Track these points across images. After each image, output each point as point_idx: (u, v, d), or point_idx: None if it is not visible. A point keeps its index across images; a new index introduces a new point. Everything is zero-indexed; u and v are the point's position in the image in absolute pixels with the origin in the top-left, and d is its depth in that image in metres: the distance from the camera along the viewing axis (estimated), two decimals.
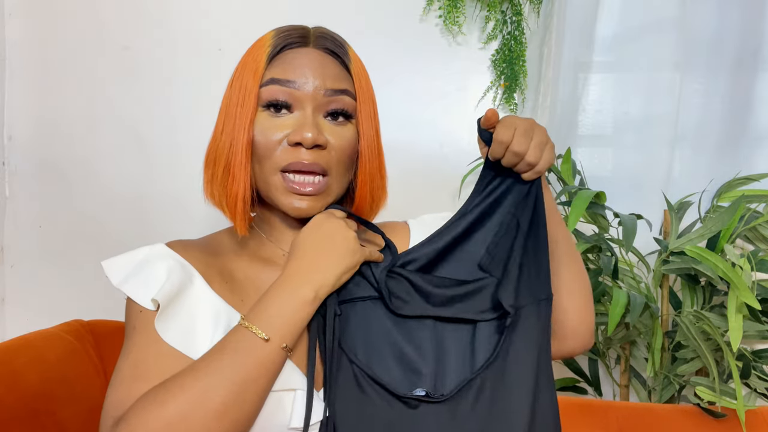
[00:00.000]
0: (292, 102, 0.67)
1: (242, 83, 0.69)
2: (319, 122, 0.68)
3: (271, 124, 0.67)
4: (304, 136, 0.65)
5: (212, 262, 0.71)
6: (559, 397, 1.09)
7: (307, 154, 0.66)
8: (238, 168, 0.68)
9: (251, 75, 0.69)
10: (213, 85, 1.43)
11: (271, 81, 0.68)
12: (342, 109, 0.69)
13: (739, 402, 0.96)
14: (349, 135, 0.70)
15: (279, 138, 0.67)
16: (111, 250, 1.44)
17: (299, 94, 0.67)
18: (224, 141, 0.69)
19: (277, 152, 0.67)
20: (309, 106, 0.67)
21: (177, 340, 0.63)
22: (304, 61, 0.68)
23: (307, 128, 0.66)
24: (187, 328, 0.64)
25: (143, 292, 0.65)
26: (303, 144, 0.66)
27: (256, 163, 0.69)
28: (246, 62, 0.71)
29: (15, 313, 1.51)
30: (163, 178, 1.44)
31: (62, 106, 1.46)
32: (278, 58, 0.69)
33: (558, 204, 1.17)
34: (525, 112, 1.32)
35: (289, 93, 0.67)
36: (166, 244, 0.72)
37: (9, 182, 1.49)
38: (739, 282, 0.94)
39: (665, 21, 1.24)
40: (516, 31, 1.29)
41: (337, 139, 0.68)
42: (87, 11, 1.44)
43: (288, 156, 0.67)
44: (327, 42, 0.71)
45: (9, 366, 0.92)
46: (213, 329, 0.65)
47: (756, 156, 1.24)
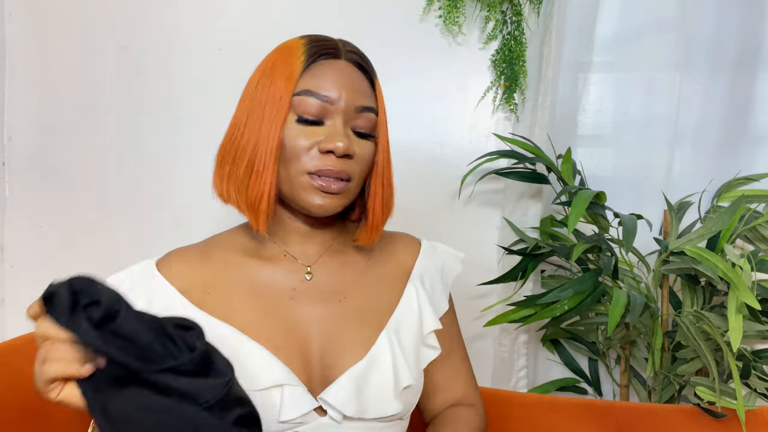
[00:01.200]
0: (324, 114, 0.70)
1: (273, 86, 0.71)
2: (348, 134, 0.71)
3: (302, 131, 0.70)
4: (337, 145, 0.68)
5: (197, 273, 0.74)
6: (559, 397, 1.09)
7: (337, 162, 0.69)
8: (265, 169, 0.69)
9: (283, 80, 0.70)
10: (213, 85, 1.43)
11: (306, 92, 0.70)
12: (367, 126, 0.73)
13: (739, 402, 0.96)
14: (370, 149, 0.74)
15: (308, 144, 0.70)
16: (111, 250, 1.45)
17: (332, 108, 0.70)
18: (248, 139, 0.71)
19: (306, 157, 0.69)
20: (339, 118, 0.70)
21: None
22: (338, 75, 0.71)
23: (339, 138, 0.69)
24: None
25: None
26: (335, 152, 0.69)
27: (282, 166, 0.71)
28: (275, 66, 0.72)
29: (15, 313, 1.51)
30: (163, 178, 1.44)
31: (62, 106, 1.46)
32: (312, 68, 0.71)
33: (558, 204, 1.17)
34: (525, 112, 1.32)
35: (322, 106, 0.70)
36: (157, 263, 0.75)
37: (9, 182, 1.49)
38: (739, 282, 0.94)
39: (665, 21, 1.24)
40: (516, 31, 1.29)
41: (361, 151, 0.72)
42: (87, 11, 1.44)
43: (318, 162, 0.69)
44: (356, 56, 0.74)
45: (9, 366, 0.92)
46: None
47: (756, 156, 1.24)
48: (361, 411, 0.69)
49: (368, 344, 0.73)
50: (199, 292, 0.73)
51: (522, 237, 1.22)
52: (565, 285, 1.07)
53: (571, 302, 1.07)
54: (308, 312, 0.74)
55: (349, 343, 0.73)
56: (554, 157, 1.24)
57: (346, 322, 0.74)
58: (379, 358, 0.72)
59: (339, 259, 0.79)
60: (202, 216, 1.39)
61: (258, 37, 1.40)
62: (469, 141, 1.36)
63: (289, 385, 0.67)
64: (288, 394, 0.66)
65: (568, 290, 1.07)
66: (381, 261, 0.82)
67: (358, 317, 0.75)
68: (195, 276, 0.74)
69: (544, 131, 1.26)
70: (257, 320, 0.71)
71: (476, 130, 1.36)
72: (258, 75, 0.73)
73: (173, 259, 0.76)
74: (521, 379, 1.31)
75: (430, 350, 0.79)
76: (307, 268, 0.76)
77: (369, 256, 0.81)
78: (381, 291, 0.79)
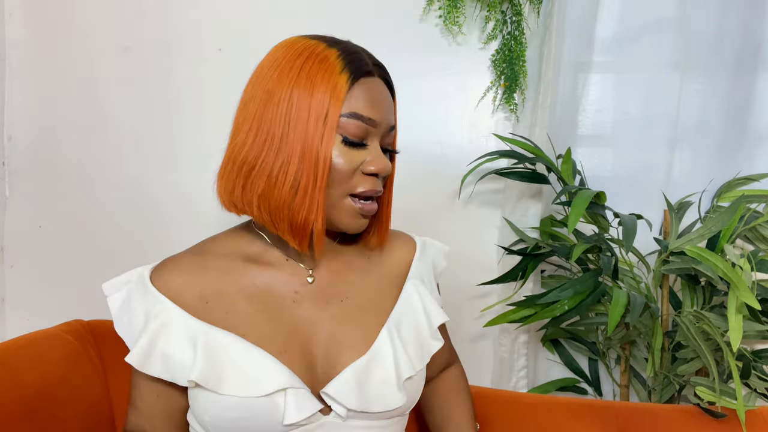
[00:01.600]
0: (367, 136, 0.71)
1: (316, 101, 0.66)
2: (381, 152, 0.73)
3: (346, 153, 0.69)
4: (382, 168, 0.70)
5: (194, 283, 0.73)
6: (559, 397, 1.09)
7: (377, 183, 0.72)
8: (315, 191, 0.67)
9: (328, 96, 0.67)
10: (213, 85, 1.43)
11: (353, 115, 0.68)
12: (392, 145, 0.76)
13: (739, 402, 0.96)
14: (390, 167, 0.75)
15: (353, 167, 0.70)
16: (111, 250, 1.45)
17: (374, 131, 0.71)
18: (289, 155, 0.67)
19: (351, 179, 0.70)
20: (377, 139, 0.72)
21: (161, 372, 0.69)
22: (380, 98, 0.71)
23: (383, 161, 0.71)
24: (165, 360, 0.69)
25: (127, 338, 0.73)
26: (379, 174, 0.71)
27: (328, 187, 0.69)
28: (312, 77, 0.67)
29: (15, 313, 1.51)
30: (163, 178, 1.44)
31: (62, 106, 1.46)
32: (356, 88, 0.68)
33: (558, 204, 1.17)
34: (525, 112, 1.32)
35: (366, 129, 0.70)
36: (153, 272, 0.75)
37: (9, 182, 1.49)
38: (739, 282, 0.94)
39: (665, 21, 1.24)
40: (516, 31, 1.29)
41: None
42: (87, 11, 1.44)
43: (365, 184, 0.70)
44: (384, 72, 0.74)
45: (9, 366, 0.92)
46: (193, 353, 0.69)
47: (756, 156, 1.24)
48: (364, 405, 0.69)
49: (370, 341, 0.73)
50: (197, 303, 0.72)
51: (522, 237, 1.22)
52: (565, 285, 1.07)
53: (571, 302, 1.07)
54: (311, 315, 0.74)
55: (351, 341, 0.73)
56: (554, 157, 1.24)
57: (348, 322, 0.75)
58: (381, 352, 0.72)
59: (340, 260, 0.79)
60: (202, 216, 1.39)
61: (258, 37, 1.40)
62: (469, 141, 1.36)
63: (293, 388, 0.67)
64: (292, 398, 0.66)
65: (568, 290, 1.07)
66: (380, 260, 0.82)
67: (359, 316, 0.75)
68: (192, 287, 0.72)
69: (544, 131, 1.26)
70: (259, 326, 0.71)
71: (476, 130, 1.36)
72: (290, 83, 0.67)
73: (168, 271, 0.74)
74: (521, 379, 1.31)
75: (435, 342, 0.80)
76: (309, 271, 0.76)
77: (368, 255, 0.82)
78: (381, 290, 0.80)
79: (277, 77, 0.68)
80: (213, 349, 0.68)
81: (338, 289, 0.77)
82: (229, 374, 0.67)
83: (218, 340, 0.69)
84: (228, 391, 0.66)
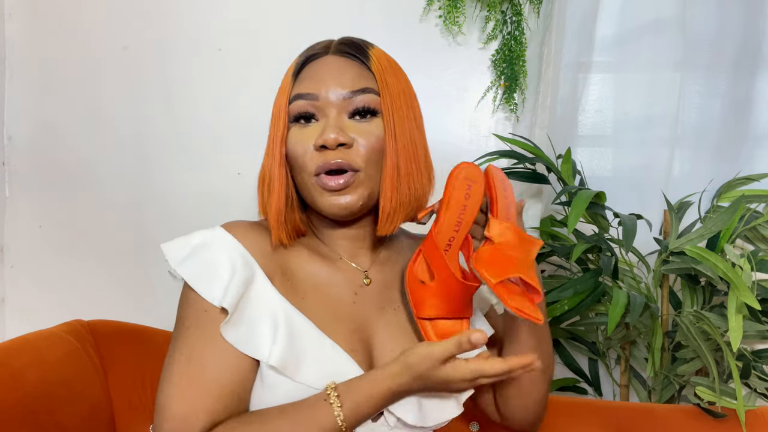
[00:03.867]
0: (316, 112, 0.70)
1: (277, 103, 0.73)
2: (343, 123, 0.70)
3: (302, 135, 0.70)
4: (326, 137, 0.68)
5: (273, 255, 0.72)
6: (559, 397, 1.09)
7: (334, 154, 0.68)
8: (276, 182, 0.71)
9: (283, 94, 0.73)
10: (213, 85, 1.43)
11: (296, 97, 0.71)
12: (364, 106, 0.70)
13: (739, 402, 0.96)
14: (376, 130, 0.71)
15: (308, 146, 0.70)
16: (111, 250, 1.45)
17: (321, 104, 0.70)
18: (267, 161, 0.73)
19: (308, 159, 0.69)
20: (332, 111, 0.70)
21: (239, 340, 0.64)
22: (323, 70, 0.71)
23: (328, 130, 0.68)
24: (249, 329, 0.65)
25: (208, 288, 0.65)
26: (327, 146, 0.68)
27: (297, 174, 0.72)
28: (280, 87, 0.74)
29: (15, 313, 1.51)
30: (163, 178, 1.44)
31: (62, 106, 1.46)
32: (302, 73, 0.73)
33: (558, 204, 1.17)
34: (525, 112, 1.31)
35: (312, 105, 0.70)
36: (225, 228, 0.71)
37: (9, 182, 1.49)
38: (739, 282, 0.94)
39: (665, 21, 1.24)
40: (516, 31, 1.29)
41: (363, 136, 0.70)
42: (87, 11, 1.44)
43: (317, 160, 0.69)
44: (345, 47, 0.73)
45: (9, 366, 0.92)
46: (273, 330, 0.65)
47: (756, 156, 1.24)
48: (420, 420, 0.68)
49: None
50: (281, 277, 0.71)
51: None
52: (565, 285, 1.07)
53: (571, 302, 1.07)
54: (369, 318, 0.73)
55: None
56: (554, 157, 1.24)
57: (401, 333, 0.74)
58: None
59: (389, 268, 0.78)
60: (202, 216, 1.39)
61: (258, 37, 1.40)
62: (469, 141, 1.36)
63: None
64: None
65: (568, 290, 1.07)
66: None
67: (409, 327, 0.75)
68: (275, 257, 0.72)
69: (544, 131, 1.25)
70: (329, 319, 0.70)
71: (476, 130, 1.35)
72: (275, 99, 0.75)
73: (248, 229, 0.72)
74: None
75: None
76: (365, 273, 0.76)
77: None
78: None
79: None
80: (294, 333, 0.66)
81: (390, 297, 0.76)
82: (306, 362, 0.65)
83: (298, 324, 0.67)
84: (303, 380, 0.65)
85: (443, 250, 0.70)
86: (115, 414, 1.06)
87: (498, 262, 0.66)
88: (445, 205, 0.71)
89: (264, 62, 1.38)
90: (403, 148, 0.71)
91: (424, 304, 0.70)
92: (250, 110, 1.38)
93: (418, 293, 0.70)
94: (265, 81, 1.43)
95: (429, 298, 0.70)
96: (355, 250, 0.77)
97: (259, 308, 0.66)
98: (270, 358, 0.63)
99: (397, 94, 0.73)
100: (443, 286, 0.69)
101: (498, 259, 0.67)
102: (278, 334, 0.65)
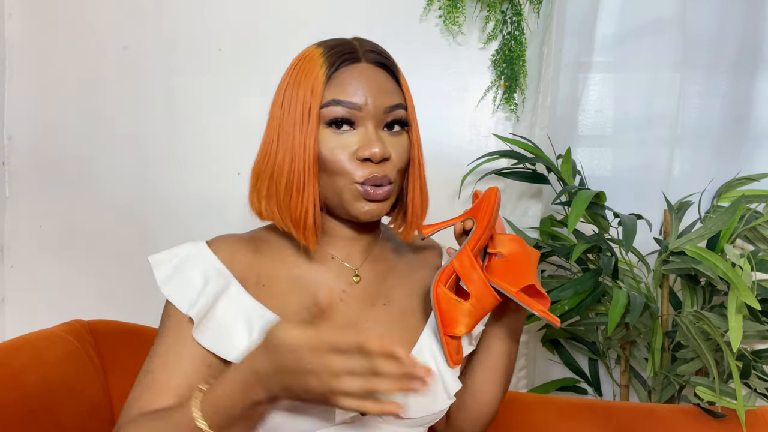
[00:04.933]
0: (355, 120, 0.70)
1: (299, 101, 0.70)
2: (380, 136, 0.71)
3: (338, 142, 0.70)
4: (373, 151, 0.68)
5: (253, 264, 0.74)
6: (559, 397, 1.09)
7: (378, 168, 0.70)
8: (306, 185, 0.70)
9: (309, 93, 0.70)
10: (213, 85, 1.43)
11: (332, 102, 0.70)
12: (399, 119, 0.73)
13: (739, 402, 0.96)
14: (405, 143, 0.74)
15: (348, 155, 0.70)
16: (111, 250, 1.45)
17: (362, 114, 0.70)
18: (282, 157, 0.70)
19: (350, 167, 0.69)
20: (370, 122, 0.70)
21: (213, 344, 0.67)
22: (362, 80, 0.71)
23: (373, 144, 0.69)
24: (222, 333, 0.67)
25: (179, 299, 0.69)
26: (372, 159, 0.69)
27: (326, 178, 0.71)
28: (298, 79, 0.71)
29: (15, 313, 1.51)
30: (163, 178, 1.44)
31: (62, 106, 1.46)
32: (335, 77, 0.71)
33: (558, 204, 1.17)
34: (525, 112, 1.31)
35: (351, 113, 0.70)
36: (208, 243, 0.74)
37: (9, 182, 1.49)
38: (739, 282, 0.94)
39: (665, 21, 1.24)
40: (516, 31, 1.29)
41: (396, 149, 0.72)
42: (87, 11, 1.44)
43: (363, 171, 0.69)
44: (375, 55, 0.74)
45: (9, 366, 0.92)
46: (248, 333, 0.68)
47: (756, 156, 1.24)
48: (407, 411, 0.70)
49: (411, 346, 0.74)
50: (255, 284, 0.72)
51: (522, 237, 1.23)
52: (565, 285, 1.07)
53: (571, 302, 1.07)
54: (357, 315, 0.74)
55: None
56: (554, 157, 1.24)
57: (391, 326, 0.75)
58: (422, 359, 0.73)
59: (382, 264, 0.79)
60: (202, 216, 1.39)
61: (258, 37, 1.40)
62: (469, 141, 1.36)
63: None
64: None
65: (568, 290, 1.07)
66: (419, 266, 0.83)
67: (402, 321, 0.76)
68: (251, 265, 0.73)
69: (544, 131, 1.26)
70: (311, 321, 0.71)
71: (476, 130, 1.36)
72: (282, 91, 0.73)
73: (228, 243, 0.74)
74: (521, 379, 1.31)
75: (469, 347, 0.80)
76: (355, 270, 0.77)
77: (408, 261, 0.82)
78: (421, 295, 0.80)
79: (278, 88, 0.74)
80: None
81: (382, 292, 0.77)
82: None
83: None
84: None
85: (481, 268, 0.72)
86: (114, 414, 1.06)
87: (513, 272, 0.71)
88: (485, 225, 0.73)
89: (264, 62, 1.38)
90: (420, 161, 0.76)
91: (457, 323, 0.71)
92: (250, 110, 1.38)
93: (451, 312, 0.71)
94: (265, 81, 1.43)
95: (463, 317, 0.71)
96: (351, 249, 0.77)
97: (232, 314, 0.69)
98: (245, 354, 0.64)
99: (413, 105, 0.76)
100: (479, 304, 0.71)
101: (513, 270, 0.71)
102: (253, 335, 0.67)
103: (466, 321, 0.71)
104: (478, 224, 0.73)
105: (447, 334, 0.71)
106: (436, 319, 0.71)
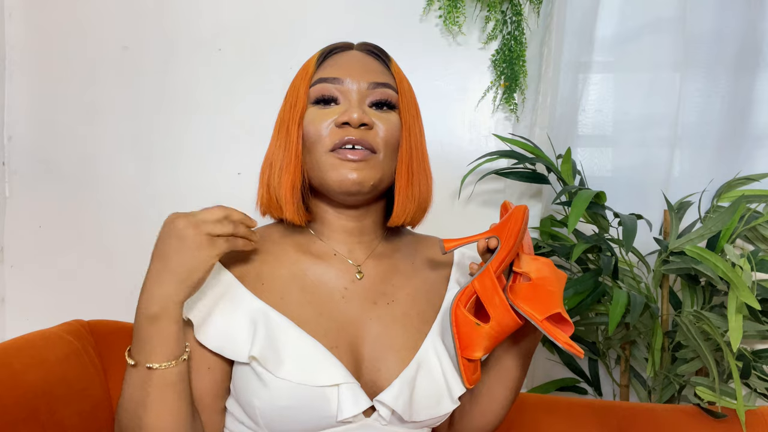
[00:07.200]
0: (339, 95, 0.73)
1: (294, 89, 0.75)
2: (364, 109, 0.72)
3: (321, 115, 0.72)
4: (351, 116, 0.70)
5: (253, 263, 0.74)
6: (559, 397, 1.09)
7: (355, 131, 0.70)
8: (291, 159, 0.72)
9: (301, 80, 0.75)
10: (213, 85, 1.43)
11: (319, 80, 0.73)
12: (385, 99, 0.74)
13: (739, 402, 0.96)
14: (394, 120, 0.74)
15: (327, 124, 0.71)
16: (111, 250, 1.45)
17: (345, 89, 0.72)
18: (278, 147, 0.74)
19: (326, 134, 0.71)
20: (354, 95, 0.72)
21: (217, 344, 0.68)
22: (350, 61, 0.74)
23: (352, 110, 0.70)
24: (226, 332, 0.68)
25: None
26: (350, 123, 0.70)
27: (308, 153, 0.73)
28: (297, 75, 0.77)
29: (15, 313, 1.51)
30: (163, 178, 1.44)
31: (62, 106, 1.46)
32: (326, 62, 0.75)
33: (558, 204, 1.17)
34: (525, 112, 1.32)
35: (336, 88, 0.72)
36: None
37: (9, 182, 1.49)
38: (739, 282, 0.94)
39: (665, 21, 1.24)
40: (516, 31, 1.29)
41: (383, 122, 0.73)
42: (87, 11, 1.44)
43: (336, 136, 0.70)
44: (368, 46, 0.78)
45: (9, 366, 0.92)
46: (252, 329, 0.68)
47: (756, 156, 1.24)
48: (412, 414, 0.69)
49: (414, 348, 0.74)
50: (254, 282, 0.73)
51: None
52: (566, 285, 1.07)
53: (571, 302, 1.07)
54: (359, 313, 0.74)
55: (397, 346, 0.73)
56: (554, 157, 1.24)
57: (393, 326, 0.75)
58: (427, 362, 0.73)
59: (386, 263, 0.79)
60: None
61: (258, 37, 1.40)
62: (469, 141, 1.36)
63: (347, 383, 0.67)
64: (348, 393, 0.67)
65: (568, 290, 1.07)
66: (423, 266, 0.82)
67: (404, 322, 0.75)
68: (250, 264, 0.74)
69: (544, 131, 1.26)
70: (312, 317, 0.71)
71: (476, 130, 1.36)
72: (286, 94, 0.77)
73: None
74: None
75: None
76: (358, 267, 0.76)
77: (412, 261, 0.82)
78: (425, 296, 0.79)
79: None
80: (273, 331, 0.68)
81: (385, 291, 0.77)
82: (287, 358, 0.67)
83: (275, 322, 0.69)
84: (285, 375, 0.65)
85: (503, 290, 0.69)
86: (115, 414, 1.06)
87: (539, 298, 0.67)
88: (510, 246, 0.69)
89: (264, 62, 1.39)
90: (414, 149, 0.75)
91: (475, 347, 0.68)
92: (249, 110, 1.39)
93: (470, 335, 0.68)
94: (265, 81, 1.44)
95: (481, 341, 0.68)
96: (353, 244, 0.77)
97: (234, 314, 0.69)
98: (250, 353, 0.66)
99: (410, 100, 0.77)
100: (499, 327, 0.68)
101: (539, 296, 0.67)
102: (257, 332, 0.68)
103: (485, 344, 0.68)
104: (503, 245, 0.70)
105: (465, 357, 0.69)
106: (454, 341, 0.69)
